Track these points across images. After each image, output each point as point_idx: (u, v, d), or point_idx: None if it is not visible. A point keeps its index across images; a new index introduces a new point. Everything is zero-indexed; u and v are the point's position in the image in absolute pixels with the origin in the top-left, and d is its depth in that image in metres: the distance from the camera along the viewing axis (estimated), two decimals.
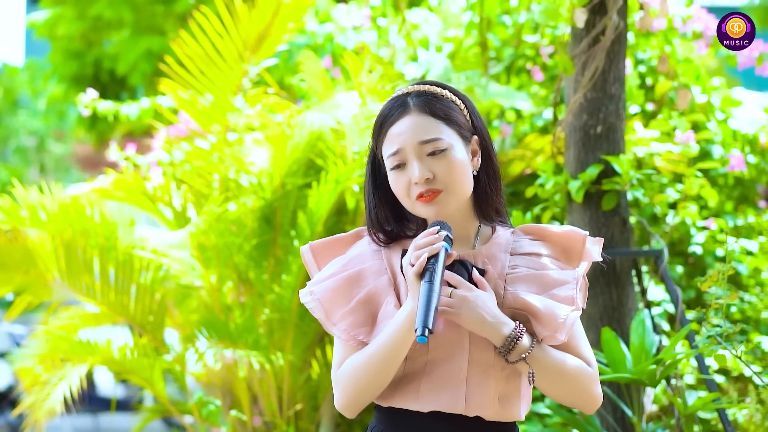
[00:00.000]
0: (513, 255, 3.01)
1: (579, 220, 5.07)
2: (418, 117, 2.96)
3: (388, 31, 7.00)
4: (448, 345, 2.92)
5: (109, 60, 13.23)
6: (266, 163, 5.95)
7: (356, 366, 2.92)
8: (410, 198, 2.96)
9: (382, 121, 3.00)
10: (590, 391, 2.96)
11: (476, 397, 2.90)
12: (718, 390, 4.94)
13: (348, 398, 2.96)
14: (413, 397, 2.93)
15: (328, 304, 2.99)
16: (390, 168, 2.97)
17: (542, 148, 6.01)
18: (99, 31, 13.34)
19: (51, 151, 20.82)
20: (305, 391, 6.09)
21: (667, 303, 5.74)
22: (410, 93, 3.00)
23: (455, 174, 2.94)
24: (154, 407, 6.60)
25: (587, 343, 3.01)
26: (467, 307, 2.85)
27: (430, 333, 2.71)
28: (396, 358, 2.88)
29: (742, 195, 6.71)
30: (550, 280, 2.97)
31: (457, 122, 3.00)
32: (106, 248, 5.91)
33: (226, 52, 6.12)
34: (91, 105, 7.12)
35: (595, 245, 3.06)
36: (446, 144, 2.95)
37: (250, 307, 5.95)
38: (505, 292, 2.95)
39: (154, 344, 5.98)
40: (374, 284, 2.99)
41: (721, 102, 6.45)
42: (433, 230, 2.88)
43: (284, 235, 5.99)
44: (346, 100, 5.95)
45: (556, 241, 3.05)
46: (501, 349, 2.87)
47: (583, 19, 4.90)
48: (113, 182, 6.03)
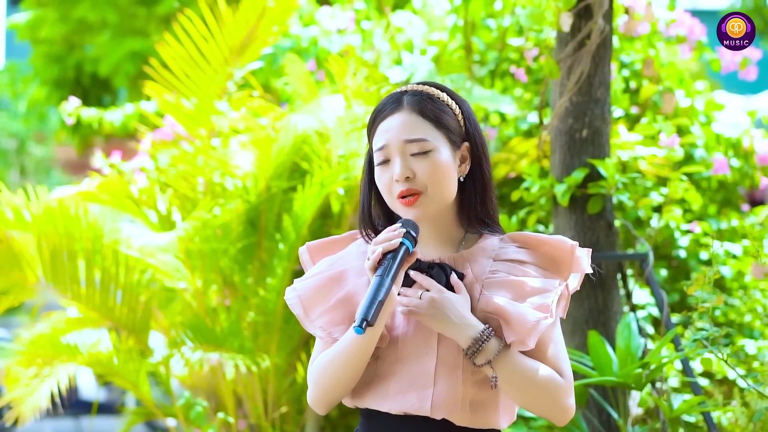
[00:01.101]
0: (496, 261, 3.00)
1: (564, 224, 5.08)
2: (408, 115, 2.97)
3: (372, 34, 7.00)
4: (416, 346, 2.93)
5: (91, 63, 13.19)
6: (251, 166, 5.94)
7: (326, 363, 2.95)
8: (392, 196, 2.97)
9: (375, 116, 3.02)
10: (560, 402, 2.92)
11: (443, 398, 2.89)
12: (703, 393, 4.96)
13: (317, 395, 2.99)
14: (383, 397, 2.94)
15: (307, 301, 3.01)
16: (377, 163, 2.99)
17: (527, 151, 6.02)
18: (81, 34, 13.29)
19: (31, 153, 20.72)
20: (290, 394, 6.09)
21: (652, 306, 5.75)
22: (407, 91, 3.02)
23: (436, 177, 2.95)
24: (138, 410, 6.58)
25: (565, 354, 2.98)
26: (434, 308, 2.86)
27: (368, 326, 2.73)
28: (360, 355, 2.89)
29: (725, 198, 6.73)
30: (528, 287, 2.94)
31: (447, 126, 3.00)
32: (91, 251, 5.89)
33: (211, 56, 6.12)
34: (75, 113, 7.09)
35: (584, 256, 3.02)
36: (431, 146, 2.96)
37: (235, 310, 5.94)
38: (480, 295, 2.94)
39: (139, 347, 5.97)
40: (353, 284, 3.00)
41: (705, 105, 6.48)
42: (394, 227, 2.89)
43: (269, 238, 5.99)
44: (331, 103, 5.95)
45: (544, 250, 3.03)
46: (467, 351, 2.87)
47: (568, 23, 4.91)
48: (98, 185, 6.02)
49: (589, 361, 4.70)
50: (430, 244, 3.02)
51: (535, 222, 5.37)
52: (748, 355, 5.78)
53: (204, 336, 5.80)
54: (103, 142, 14.78)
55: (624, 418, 4.78)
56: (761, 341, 5.91)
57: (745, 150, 6.44)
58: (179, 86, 6.17)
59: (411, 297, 2.88)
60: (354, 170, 5.92)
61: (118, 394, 13.74)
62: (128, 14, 12.85)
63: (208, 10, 6.07)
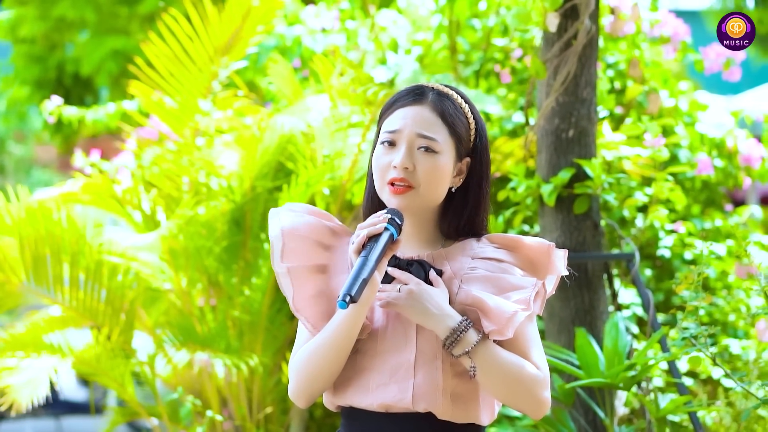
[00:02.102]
0: (474, 259, 3.05)
1: (551, 224, 5.09)
2: (429, 111, 3.02)
3: (357, 33, 7.00)
4: (395, 338, 2.97)
5: (72, 63, 13.14)
6: (236, 165, 5.93)
7: (306, 355, 2.96)
8: (383, 179, 3.02)
9: (395, 100, 3.06)
10: (536, 395, 2.95)
11: (424, 389, 2.93)
12: (688, 393, 4.97)
13: (298, 387, 3.01)
14: (364, 391, 2.97)
15: (297, 288, 3.02)
16: (381, 141, 3.04)
17: (512, 151, 6.02)
18: (61, 32, 13.23)
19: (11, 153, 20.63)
20: (275, 394, 6.08)
21: (636, 306, 5.76)
22: (433, 88, 3.07)
23: (433, 178, 3.00)
24: (122, 410, 6.56)
25: (540, 348, 3.02)
26: (412, 299, 2.90)
27: (352, 302, 2.78)
28: (342, 345, 2.92)
29: (709, 198, 6.75)
30: (506, 283, 2.99)
31: (459, 136, 3.05)
32: (74, 252, 5.87)
33: (196, 54, 6.10)
34: (57, 112, 7.06)
35: (560, 257, 3.07)
36: (440, 148, 3.01)
37: (220, 310, 5.93)
38: (459, 289, 2.99)
39: (123, 347, 5.94)
40: (336, 281, 3.03)
41: (689, 106, 6.50)
42: (378, 213, 2.95)
43: (254, 237, 5.98)
44: (317, 103, 5.95)
45: (522, 251, 3.08)
46: (446, 341, 2.91)
47: (555, 24, 4.92)
48: (82, 186, 5.99)
49: (576, 360, 4.71)
50: (409, 242, 3.06)
51: (521, 222, 5.37)
52: (732, 354, 5.81)
53: (189, 336, 5.79)
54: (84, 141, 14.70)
55: (610, 417, 4.79)
56: (745, 341, 5.93)
57: (728, 150, 6.46)
58: (164, 85, 6.15)
59: (390, 291, 2.93)
60: (339, 170, 5.92)
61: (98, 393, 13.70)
62: (109, 13, 12.80)
63: (194, 10, 6.05)
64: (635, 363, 4.57)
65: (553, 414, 4.81)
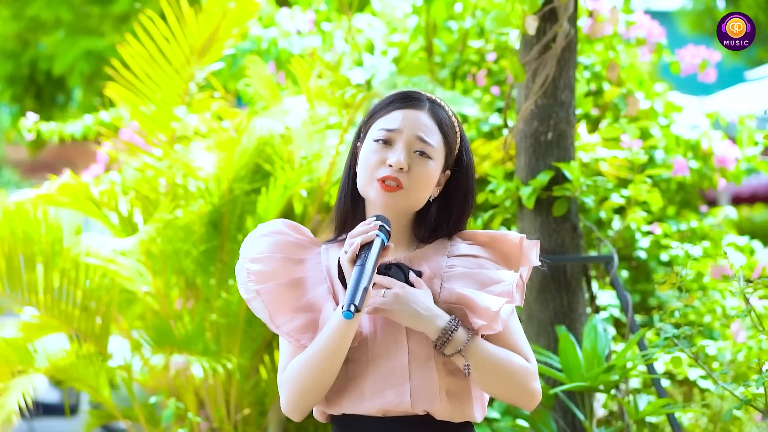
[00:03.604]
0: (450, 257, 3.07)
1: (530, 226, 5.10)
2: (427, 117, 3.06)
3: (332, 35, 6.99)
4: (386, 343, 2.97)
5: (45, 61, 13.06)
6: (214, 168, 5.91)
7: (299, 367, 2.95)
8: (373, 175, 3.02)
9: (392, 100, 3.09)
10: (528, 386, 2.99)
11: (421, 391, 2.94)
12: (667, 394, 5.00)
13: (293, 400, 2.98)
14: (360, 399, 2.96)
15: (272, 306, 3.01)
16: (375, 138, 3.04)
17: (489, 153, 6.03)
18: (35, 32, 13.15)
19: None
20: (253, 396, 6.07)
21: (613, 308, 5.78)
22: (428, 97, 3.11)
23: (423, 182, 3.02)
24: (98, 413, 6.53)
25: (525, 340, 3.05)
26: (400, 302, 2.91)
27: (356, 311, 2.78)
28: (337, 354, 2.91)
29: (685, 200, 6.79)
30: (486, 278, 3.02)
31: (450, 146, 3.09)
32: (50, 255, 5.83)
33: (172, 56, 6.08)
34: (34, 128, 7.01)
35: (532, 248, 3.11)
36: (434, 154, 3.04)
37: (198, 312, 5.91)
38: (442, 288, 3.01)
39: (99, 351, 5.91)
40: (314, 292, 3.02)
41: (664, 107, 6.52)
42: (369, 220, 2.95)
43: (231, 240, 5.97)
44: (294, 104, 5.94)
45: (495, 246, 3.12)
46: (437, 342, 2.93)
47: (534, 27, 4.93)
48: (58, 188, 5.95)
49: (555, 362, 4.72)
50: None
51: (500, 224, 5.38)
52: (708, 355, 5.84)
53: (166, 338, 5.77)
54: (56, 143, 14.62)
55: (589, 419, 4.81)
56: (721, 342, 5.97)
57: (703, 152, 6.49)
58: (140, 87, 6.13)
59: (374, 296, 2.92)
60: (317, 172, 5.91)
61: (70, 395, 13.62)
62: (82, 13, 12.72)
63: (170, 10, 6.03)
64: (614, 365, 4.58)
65: (532, 416, 4.82)
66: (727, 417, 3.89)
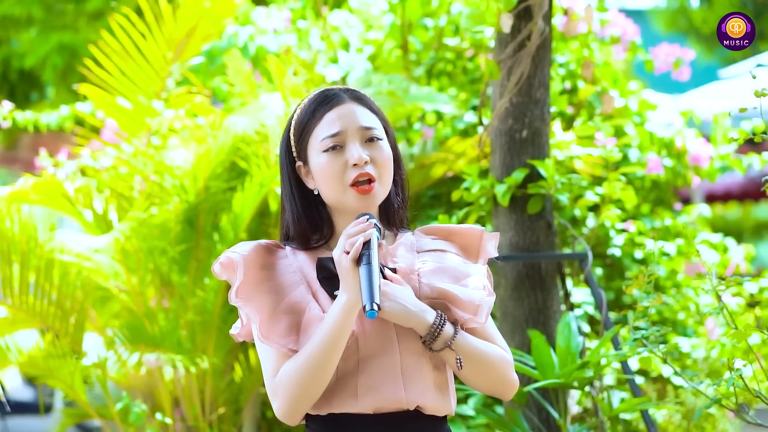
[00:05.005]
0: (419, 252, 3.09)
1: (504, 224, 5.11)
2: (356, 106, 3.04)
3: (308, 33, 6.99)
4: (376, 341, 2.96)
5: (18, 58, 12.99)
6: (189, 165, 5.90)
7: (295, 370, 2.91)
8: (343, 182, 2.99)
9: (314, 108, 3.03)
10: (509, 377, 3.04)
11: (414, 386, 2.95)
12: (641, 392, 5.02)
13: (291, 404, 2.93)
14: (352, 398, 2.94)
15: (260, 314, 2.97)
16: (322, 150, 3.00)
17: (464, 151, 6.04)
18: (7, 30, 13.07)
19: None
20: (228, 394, 6.07)
21: (588, 305, 5.81)
22: (340, 89, 3.09)
23: (387, 165, 3.03)
24: (72, 411, 6.51)
25: (498, 331, 3.09)
26: (388, 299, 2.90)
27: (379, 308, 2.79)
28: (335, 353, 2.89)
29: (659, 197, 6.81)
30: (458, 272, 3.05)
31: (384, 121, 3.09)
32: (25, 253, 5.81)
33: (149, 53, 6.07)
34: (9, 116, 6.99)
35: (491, 240, 3.15)
36: (381, 134, 3.05)
37: (173, 310, 5.90)
38: (421, 285, 3.01)
39: (73, 348, 5.90)
40: (292, 295, 2.99)
41: (638, 105, 6.55)
42: (362, 219, 2.92)
43: (207, 238, 5.96)
44: (270, 102, 5.93)
45: (457, 239, 3.15)
46: (426, 337, 2.94)
47: (509, 25, 4.94)
48: (33, 185, 5.93)
49: (530, 360, 4.73)
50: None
51: (474, 221, 5.39)
52: (682, 353, 5.87)
53: (141, 336, 5.76)
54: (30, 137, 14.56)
55: (564, 416, 4.83)
56: (695, 339, 6.00)
57: (677, 150, 6.52)
58: (115, 84, 6.12)
59: None
60: None
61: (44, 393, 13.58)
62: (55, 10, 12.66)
63: (147, 7, 6.03)
64: (588, 362, 4.60)
65: (506, 414, 4.84)
66: (696, 416, 3.91)
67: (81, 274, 5.89)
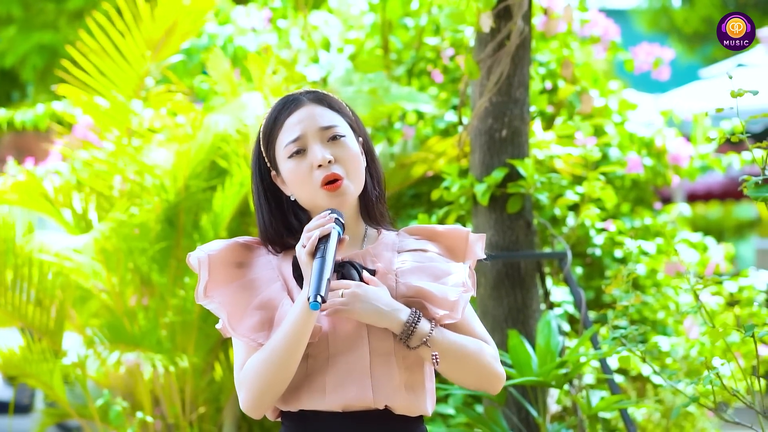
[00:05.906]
0: (400, 252, 3.10)
1: (484, 223, 5.12)
2: (315, 107, 3.04)
3: (288, 32, 6.98)
4: (347, 339, 2.97)
5: None
6: (169, 164, 5.89)
7: (258, 363, 2.93)
8: (312, 184, 3.00)
9: (275, 116, 3.05)
10: (494, 369, 3.04)
11: (382, 386, 2.95)
12: (620, 390, 5.03)
13: (253, 398, 2.96)
14: (320, 395, 2.96)
15: (230, 308, 3.00)
16: (287, 157, 3.01)
17: (444, 150, 6.05)
18: None
19: None
20: (208, 393, 6.06)
21: (567, 304, 5.82)
22: (301, 93, 3.09)
23: (353, 161, 3.03)
24: (52, 411, 6.49)
25: (482, 325, 3.10)
26: (360, 301, 2.91)
27: (323, 301, 2.78)
28: (297, 348, 2.90)
29: (639, 197, 6.83)
30: (438, 271, 3.06)
31: (348, 116, 3.09)
32: (3, 252, 5.78)
33: (127, 51, 6.06)
34: None
35: (477, 242, 3.16)
36: (344, 131, 3.04)
37: (153, 309, 5.89)
38: (398, 284, 3.03)
39: (53, 348, 5.88)
40: (268, 291, 3.02)
41: (618, 105, 6.57)
42: (323, 214, 2.94)
43: (187, 237, 5.95)
44: (250, 101, 5.92)
45: (441, 240, 3.15)
46: (401, 335, 2.95)
47: (488, 24, 4.94)
48: (11, 185, 5.91)
49: (509, 359, 4.74)
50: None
51: (454, 221, 5.40)
52: (662, 351, 5.89)
53: (121, 336, 5.75)
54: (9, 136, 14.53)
55: (543, 415, 4.84)
56: (674, 338, 6.02)
57: (657, 149, 6.54)
58: (94, 84, 6.10)
59: (332, 298, 2.91)
60: None
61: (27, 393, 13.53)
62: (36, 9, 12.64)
63: (125, 5, 6.02)
64: (567, 361, 4.61)
65: (485, 413, 4.85)
66: (674, 415, 3.93)
67: (61, 273, 5.87)
